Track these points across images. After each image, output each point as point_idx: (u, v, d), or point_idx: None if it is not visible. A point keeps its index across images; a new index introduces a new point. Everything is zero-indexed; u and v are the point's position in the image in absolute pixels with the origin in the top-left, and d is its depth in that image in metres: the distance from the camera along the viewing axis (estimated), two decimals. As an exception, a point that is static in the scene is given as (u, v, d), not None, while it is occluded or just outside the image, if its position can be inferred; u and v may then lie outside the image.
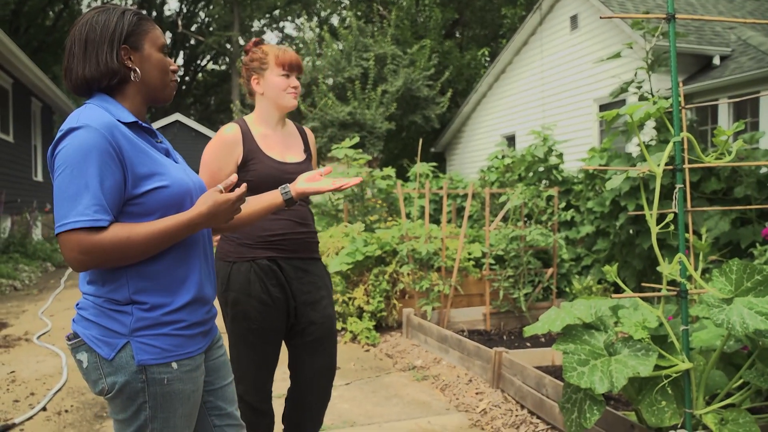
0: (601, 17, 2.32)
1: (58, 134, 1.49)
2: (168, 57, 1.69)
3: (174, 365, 1.55)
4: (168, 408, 1.56)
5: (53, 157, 1.49)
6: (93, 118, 1.48)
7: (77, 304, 1.60)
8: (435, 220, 8.92)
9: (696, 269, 3.18)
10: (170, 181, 1.56)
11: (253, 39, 2.48)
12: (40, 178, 15.12)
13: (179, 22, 29.05)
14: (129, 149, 1.51)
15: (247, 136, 2.37)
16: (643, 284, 3.07)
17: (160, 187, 1.54)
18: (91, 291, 1.56)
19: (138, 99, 1.63)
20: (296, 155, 2.45)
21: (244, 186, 1.59)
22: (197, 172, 2.44)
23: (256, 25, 33.53)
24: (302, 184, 1.88)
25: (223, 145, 2.35)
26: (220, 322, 2.28)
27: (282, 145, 2.44)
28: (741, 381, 2.57)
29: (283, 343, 2.50)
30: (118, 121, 1.54)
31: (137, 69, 1.60)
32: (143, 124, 1.62)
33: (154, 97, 1.66)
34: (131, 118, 1.58)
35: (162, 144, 1.69)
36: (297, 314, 2.40)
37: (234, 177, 1.56)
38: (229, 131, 2.37)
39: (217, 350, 1.80)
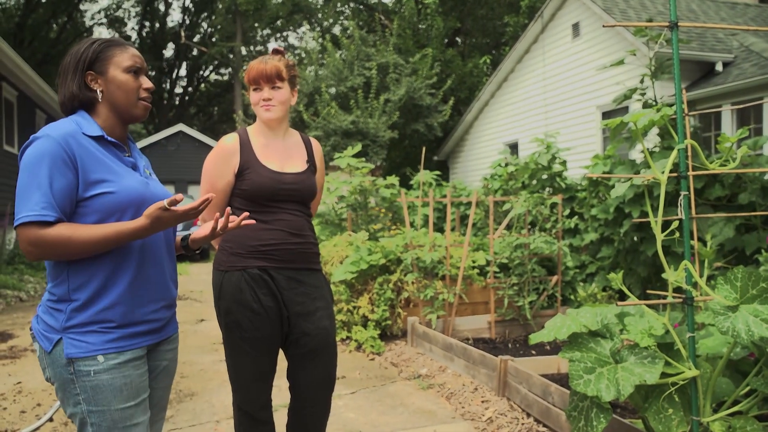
0: (604, 26, 2.33)
1: (25, 143, 1.69)
2: (140, 78, 1.83)
3: (100, 358, 1.68)
4: (101, 401, 1.68)
5: (19, 162, 1.70)
6: (54, 129, 1.68)
7: (41, 301, 1.79)
8: (439, 228, 8.93)
9: (701, 276, 3.18)
10: (118, 188, 1.71)
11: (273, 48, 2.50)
12: (44, 189, 15.16)
13: (182, 33, 29.22)
14: (84, 157, 1.68)
15: (245, 146, 2.39)
16: (648, 291, 3.06)
17: (106, 192, 1.69)
18: (47, 287, 1.75)
19: (110, 117, 1.81)
20: (297, 166, 2.45)
21: (191, 204, 1.68)
22: (199, 179, 2.49)
23: (259, 35, 33.69)
24: (197, 232, 1.98)
25: (220, 155, 2.38)
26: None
27: (282, 155, 2.44)
28: (748, 388, 2.56)
29: (284, 353, 2.50)
30: (84, 133, 1.72)
31: (101, 91, 1.78)
32: (109, 139, 1.77)
33: (123, 115, 1.82)
34: (97, 132, 1.75)
35: (130, 158, 1.84)
36: (290, 324, 2.39)
37: (180, 196, 1.66)
38: (228, 141, 2.39)
39: (165, 353, 1.90)
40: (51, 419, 3.75)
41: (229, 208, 1.79)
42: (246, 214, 1.87)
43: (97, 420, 1.68)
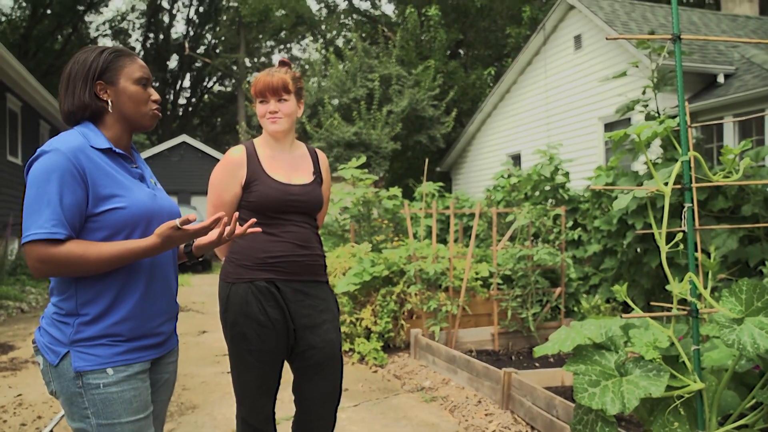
0: (607, 38, 2.34)
1: (33, 156, 1.67)
2: (148, 89, 1.82)
3: (109, 371, 1.66)
4: (110, 414, 1.66)
5: (26, 176, 1.67)
6: (63, 143, 1.65)
7: (43, 313, 1.77)
8: (442, 239, 8.92)
9: (705, 288, 3.17)
10: (128, 203, 1.69)
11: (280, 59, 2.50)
12: (47, 199, 15.16)
13: (186, 45, 29.34)
14: (93, 171, 1.66)
15: (252, 158, 2.38)
16: (652, 303, 3.06)
17: (117, 208, 1.67)
18: (51, 300, 1.72)
19: (117, 127, 1.79)
20: (303, 177, 2.45)
21: (202, 224, 1.68)
22: (206, 190, 2.50)
23: (263, 46, 33.84)
24: (202, 239, 1.94)
25: (227, 167, 2.38)
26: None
27: (289, 166, 2.44)
28: (754, 401, 2.54)
29: (289, 366, 2.49)
30: (92, 146, 1.69)
31: (111, 101, 1.76)
32: (117, 150, 1.76)
33: (132, 125, 1.81)
34: (105, 145, 1.73)
35: (137, 169, 1.82)
36: (296, 337, 2.38)
37: (193, 216, 1.65)
38: (235, 153, 2.40)
39: (167, 366, 1.89)
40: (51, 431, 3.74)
41: (237, 214, 1.77)
42: (253, 220, 1.84)
43: None
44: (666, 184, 2.48)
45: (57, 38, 28.23)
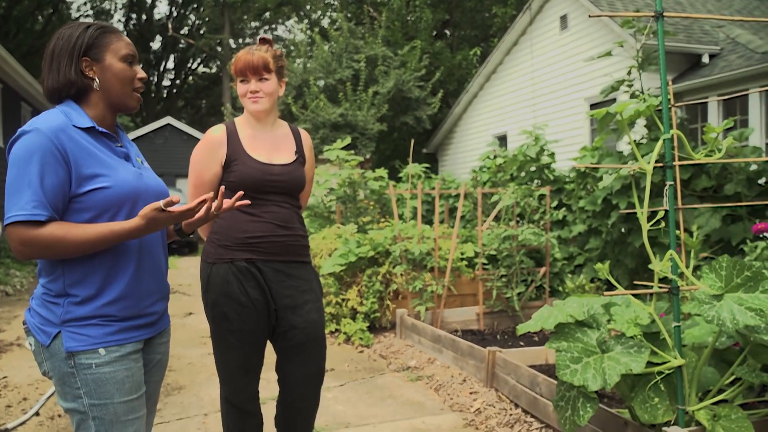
0: (590, 15, 2.33)
1: (14, 136, 1.64)
2: (134, 67, 1.78)
3: (101, 351, 1.65)
4: (103, 394, 1.65)
5: (8, 156, 1.64)
6: (43, 122, 1.61)
7: (33, 294, 1.74)
8: (427, 220, 8.93)
9: (687, 266, 3.20)
10: (112, 182, 1.66)
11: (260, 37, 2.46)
12: (30, 182, 14.98)
13: (169, 26, 28.96)
14: (75, 151, 1.62)
15: (232, 138, 2.36)
16: (635, 282, 3.09)
17: (101, 188, 1.65)
18: (40, 281, 1.71)
19: (101, 106, 1.75)
20: (285, 157, 2.42)
21: (187, 205, 1.66)
22: (188, 172, 2.46)
23: (247, 27, 33.45)
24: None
25: (207, 146, 2.36)
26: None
27: (270, 146, 2.41)
28: (733, 377, 2.59)
29: (272, 346, 2.49)
30: (74, 125, 1.65)
31: (97, 79, 1.72)
32: (100, 129, 1.72)
33: (117, 104, 1.77)
34: (88, 124, 1.69)
35: (122, 148, 1.78)
36: (278, 317, 2.37)
37: (177, 197, 1.62)
38: (215, 132, 2.37)
39: (159, 347, 1.88)
40: (37, 413, 3.73)
41: (222, 187, 1.74)
42: (240, 193, 1.82)
43: (99, 414, 1.65)
44: (648, 162, 2.49)
45: (38, 19, 27.72)
